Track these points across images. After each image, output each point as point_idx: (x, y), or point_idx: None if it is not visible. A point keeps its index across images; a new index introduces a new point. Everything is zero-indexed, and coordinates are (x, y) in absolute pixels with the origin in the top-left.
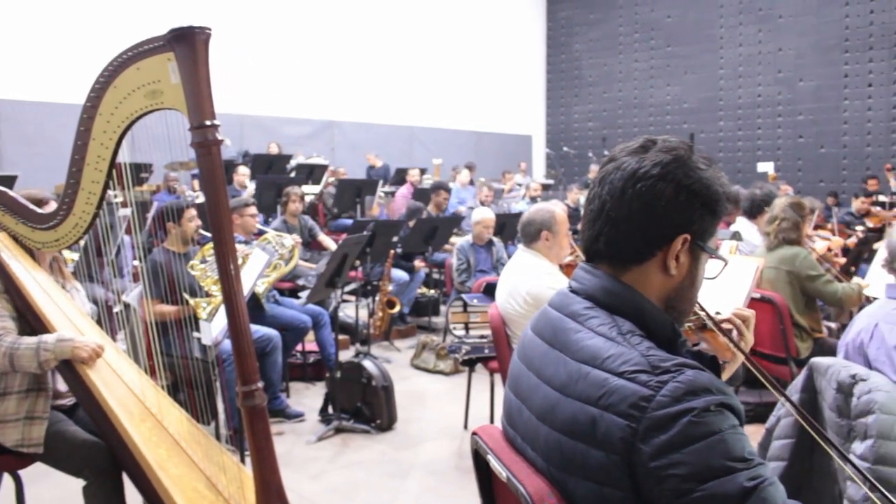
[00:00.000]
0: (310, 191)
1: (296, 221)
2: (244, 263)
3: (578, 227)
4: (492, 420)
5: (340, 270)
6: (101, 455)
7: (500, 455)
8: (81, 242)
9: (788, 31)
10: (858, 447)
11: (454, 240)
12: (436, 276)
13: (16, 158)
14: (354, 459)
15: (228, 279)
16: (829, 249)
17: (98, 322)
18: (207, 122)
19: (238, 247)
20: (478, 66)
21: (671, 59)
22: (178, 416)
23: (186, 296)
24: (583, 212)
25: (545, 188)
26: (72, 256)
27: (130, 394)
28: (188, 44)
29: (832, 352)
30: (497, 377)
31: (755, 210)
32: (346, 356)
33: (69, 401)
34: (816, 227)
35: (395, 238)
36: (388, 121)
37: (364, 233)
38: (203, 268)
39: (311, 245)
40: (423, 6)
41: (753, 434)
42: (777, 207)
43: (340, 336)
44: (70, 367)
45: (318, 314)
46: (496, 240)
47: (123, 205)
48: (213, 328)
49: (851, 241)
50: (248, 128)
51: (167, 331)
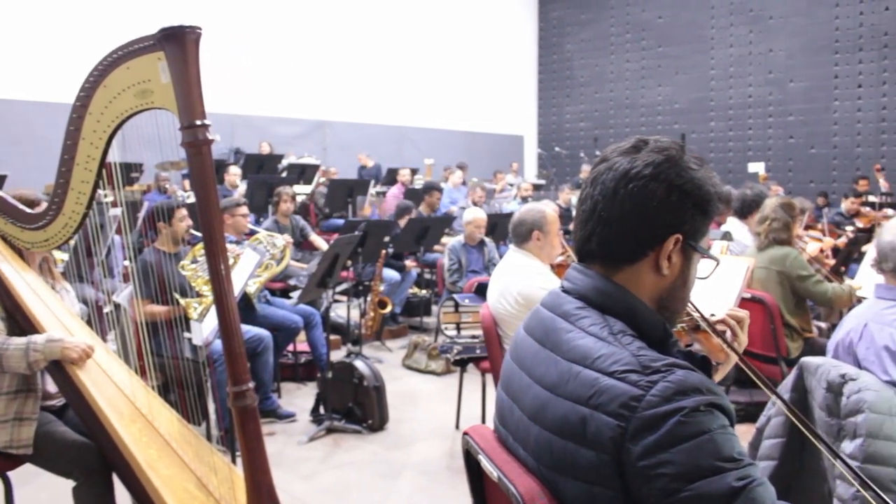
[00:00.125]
0: (301, 191)
1: (287, 221)
2: (235, 263)
3: (570, 228)
4: (483, 420)
5: (332, 270)
6: (91, 456)
7: (492, 455)
8: (71, 242)
9: (779, 33)
10: (848, 446)
11: (445, 240)
12: (427, 277)
13: (5, 158)
14: (346, 460)
15: (219, 279)
16: (822, 251)
17: (88, 322)
18: (198, 122)
19: (229, 247)
20: (469, 67)
21: (662, 60)
22: (169, 417)
23: (177, 296)
24: (575, 212)
25: (536, 188)
26: (61, 257)
27: (120, 394)
28: (178, 43)
29: (822, 351)
30: (489, 377)
31: (746, 210)
32: (338, 356)
33: (59, 402)
34: (807, 228)
35: (387, 238)
36: (380, 121)
37: (355, 233)
38: (194, 268)
39: (303, 245)
40: (415, 6)
41: (744, 434)
42: (768, 208)
43: (332, 336)
44: (60, 368)
45: (310, 314)
46: (488, 240)
47: (114, 204)
48: (204, 328)
49: (841, 242)
50: (240, 127)
51: (158, 331)
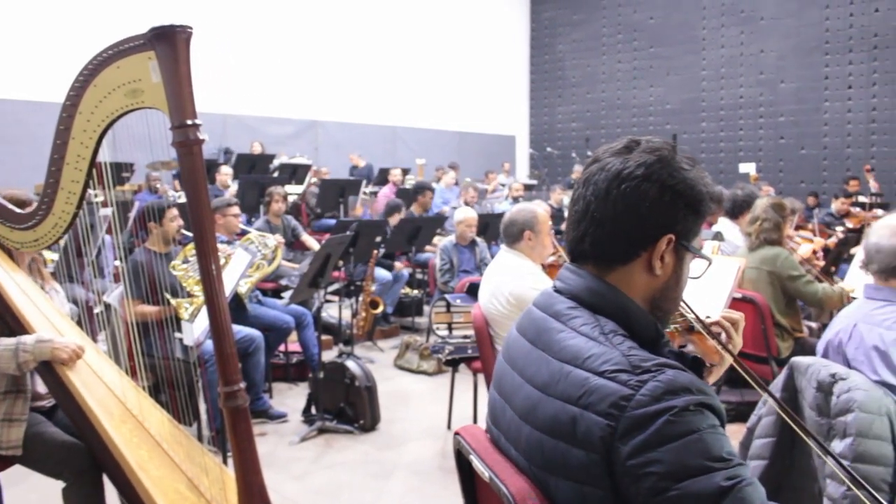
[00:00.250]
0: (293, 191)
1: (279, 221)
2: (226, 264)
3: (562, 228)
4: (475, 420)
5: (323, 270)
6: (81, 456)
7: (483, 455)
8: (61, 242)
9: (770, 34)
10: (838, 445)
11: (437, 240)
12: (419, 277)
13: None
14: (338, 460)
15: (210, 279)
16: (814, 252)
17: (78, 323)
18: (189, 122)
19: (220, 247)
20: (461, 67)
21: (654, 61)
22: (160, 418)
23: (168, 296)
24: (567, 213)
25: (528, 188)
26: (51, 257)
27: (111, 395)
28: (169, 42)
29: (812, 351)
30: (480, 377)
31: (737, 210)
32: (330, 356)
33: (48, 402)
34: (797, 228)
35: (379, 238)
36: (372, 121)
37: (347, 233)
38: (185, 268)
39: (294, 245)
40: (407, 6)
41: (735, 433)
42: (759, 208)
43: (323, 336)
44: (49, 369)
45: (301, 314)
46: (479, 240)
47: (104, 204)
48: (195, 329)
49: (831, 242)
50: (231, 127)
51: (148, 331)
